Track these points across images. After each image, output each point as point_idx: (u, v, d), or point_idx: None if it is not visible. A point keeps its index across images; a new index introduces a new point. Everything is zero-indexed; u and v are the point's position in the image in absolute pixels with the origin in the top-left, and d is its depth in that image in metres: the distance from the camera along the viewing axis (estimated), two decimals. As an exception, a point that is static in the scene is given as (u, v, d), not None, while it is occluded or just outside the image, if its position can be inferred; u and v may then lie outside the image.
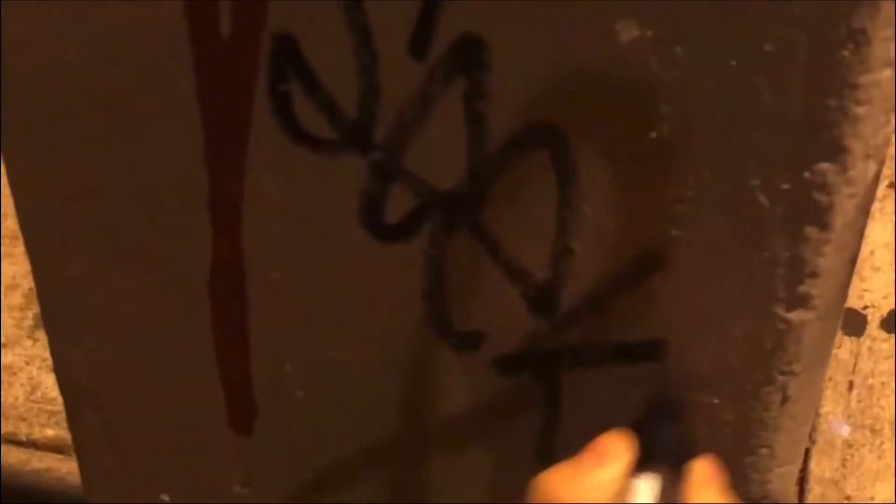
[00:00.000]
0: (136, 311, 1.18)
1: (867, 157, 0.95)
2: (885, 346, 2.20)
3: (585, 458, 1.04)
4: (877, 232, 2.29)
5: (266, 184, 1.05)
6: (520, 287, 1.07)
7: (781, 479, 1.19)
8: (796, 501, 1.18)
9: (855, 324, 2.21)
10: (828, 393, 2.16)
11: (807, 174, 0.95)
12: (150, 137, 1.04)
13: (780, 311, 1.04)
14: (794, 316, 1.04)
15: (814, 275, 1.01)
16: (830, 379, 2.17)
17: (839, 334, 2.20)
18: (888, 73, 0.91)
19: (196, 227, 1.09)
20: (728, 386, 1.11)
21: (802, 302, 1.03)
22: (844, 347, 2.19)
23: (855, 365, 2.18)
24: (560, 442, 1.18)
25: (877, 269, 2.26)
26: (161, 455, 1.29)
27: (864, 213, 1.01)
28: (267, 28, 0.96)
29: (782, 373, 1.09)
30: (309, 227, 1.07)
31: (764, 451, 1.15)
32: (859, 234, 1.02)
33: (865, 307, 2.23)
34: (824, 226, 0.98)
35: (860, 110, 0.92)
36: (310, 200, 1.05)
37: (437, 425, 1.20)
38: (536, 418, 1.17)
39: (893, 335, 2.20)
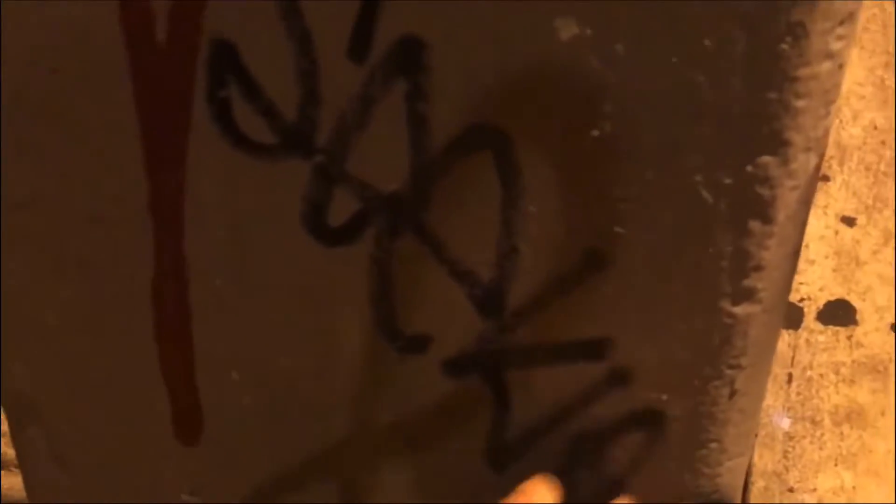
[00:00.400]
0: (79, 323, 1.16)
1: (808, 149, 0.95)
2: (822, 338, 2.21)
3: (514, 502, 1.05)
4: (811, 225, 2.29)
5: (207, 190, 1.04)
6: (466, 288, 1.06)
7: (731, 473, 1.20)
8: (738, 496, 1.18)
9: (792, 316, 2.22)
10: (768, 386, 2.18)
11: (749, 168, 0.95)
12: (88, 145, 1.03)
13: (726, 305, 1.04)
14: (740, 310, 1.04)
15: (758, 268, 1.01)
16: (770, 372, 2.18)
17: (777, 327, 2.21)
18: (827, 65, 0.91)
19: (137, 236, 1.08)
20: (676, 382, 1.11)
21: (748, 296, 1.03)
22: (782, 340, 2.20)
23: (793, 357, 2.20)
24: (510, 443, 1.18)
25: (812, 262, 2.28)
26: (107, 467, 1.27)
27: (806, 205, 1.01)
28: (204, 33, 0.95)
29: (730, 367, 1.09)
30: (252, 233, 1.06)
31: (714, 445, 1.15)
32: (802, 227, 1.03)
33: (802, 300, 2.24)
34: (767, 219, 0.98)
35: (800, 103, 0.92)
36: (252, 206, 1.04)
37: (385, 430, 1.19)
38: (485, 420, 1.16)
39: (830, 327, 2.22)
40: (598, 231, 1.01)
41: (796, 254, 1.05)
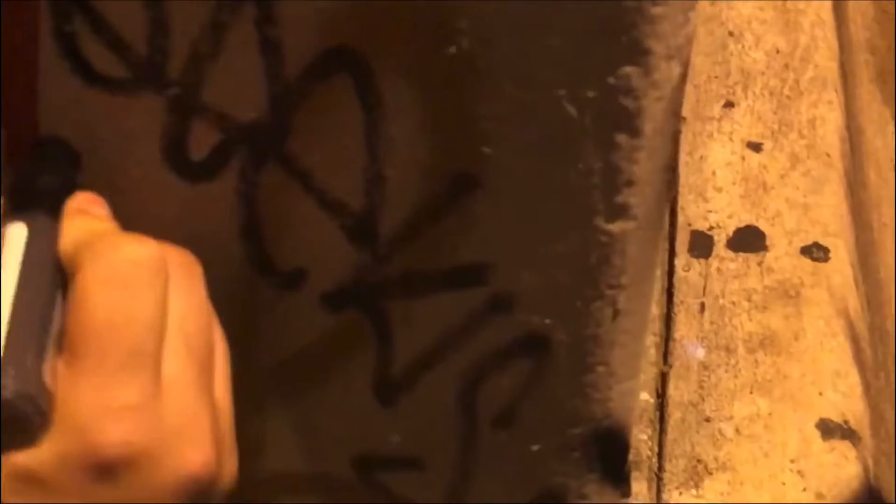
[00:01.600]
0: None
1: (670, 58, 0.94)
2: (732, 265, 2.21)
3: None
4: (716, 152, 2.29)
5: (63, 131, 1.01)
6: (337, 218, 1.04)
7: (622, 397, 1.19)
8: (631, 420, 1.17)
9: (702, 245, 2.22)
10: (680, 317, 2.17)
11: (611, 80, 0.93)
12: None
13: (600, 223, 1.03)
14: (615, 227, 1.03)
15: (630, 183, 1.00)
16: (682, 302, 2.17)
17: (687, 257, 2.21)
18: (683, -31, 0.90)
19: (-4, 183, 1.05)
20: (558, 305, 1.09)
21: (622, 212, 1.02)
22: (693, 270, 2.20)
23: (705, 287, 2.19)
24: (396, 376, 1.16)
25: (719, 190, 2.27)
26: None
27: (675, 116, 1.00)
28: (44, -33, 0.92)
29: (611, 286, 1.08)
30: (112, 172, 1.03)
31: (601, 368, 1.14)
32: (672, 139, 1.02)
33: (711, 228, 2.23)
34: (635, 132, 0.96)
35: (658, 10, 0.90)
36: (111, 144, 1.01)
37: (268, 369, 1.17)
38: (370, 354, 1.15)
39: (740, 254, 2.21)
40: (464, 152, 0.99)
41: (668, 168, 1.03)
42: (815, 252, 2.24)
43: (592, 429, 1.19)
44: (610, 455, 1.22)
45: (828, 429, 2.10)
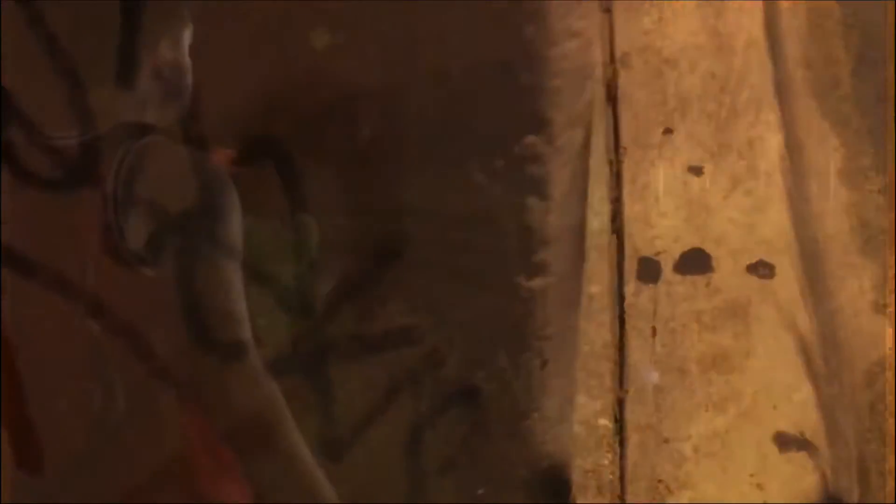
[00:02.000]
0: None
1: (571, 125, 0.99)
2: (681, 288, 2.23)
3: None
4: (658, 178, 2.32)
5: (18, 229, 1.05)
6: (273, 291, 1.09)
7: (557, 440, 1.24)
8: (571, 458, 1.21)
9: (649, 271, 2.24)
10: (633, 342, 2.20)
11: (517, 149, 0.99)
12: None
13: (521, 281, 1.08)
14: (535, 284, 1.08)
15: (545, 242, 1.05)
16: (634, 328, 2.20)
17: (636, 283, 2.24)
18: (574, 43, 0.95)
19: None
20: (488, 359, 1.14)
21: (540, 270, 1.07)
22: (643, 295, 2.22)
23: (655, 311, 2.22)
24: (341, 434, 1.20)
25: (663, 215, 2.29)
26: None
27: (583, 175, 1.05)
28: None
29: (537, 338, 1.13)
30: (59, 264, 1.07)
31: (535, 415, 1.19)
32: (582, 197, 1.07)
33: (658, 253, 2.26)
34: (543, 195, 1.02)
35: (555, 82, 0.96)
36: (58, 238, 1.06)
37: (221, 437, 1.21)
38: (314, 415, 1.19)
39: (688, 276, 2.24)
40: (385, 225, 1.04)
41: (581, 225, 1.08)
42: (761, 270, 2.27)
43: (532, 471, 1.24)
44: (552, 493, 1.27)
45: (784, 441, 2.12)
